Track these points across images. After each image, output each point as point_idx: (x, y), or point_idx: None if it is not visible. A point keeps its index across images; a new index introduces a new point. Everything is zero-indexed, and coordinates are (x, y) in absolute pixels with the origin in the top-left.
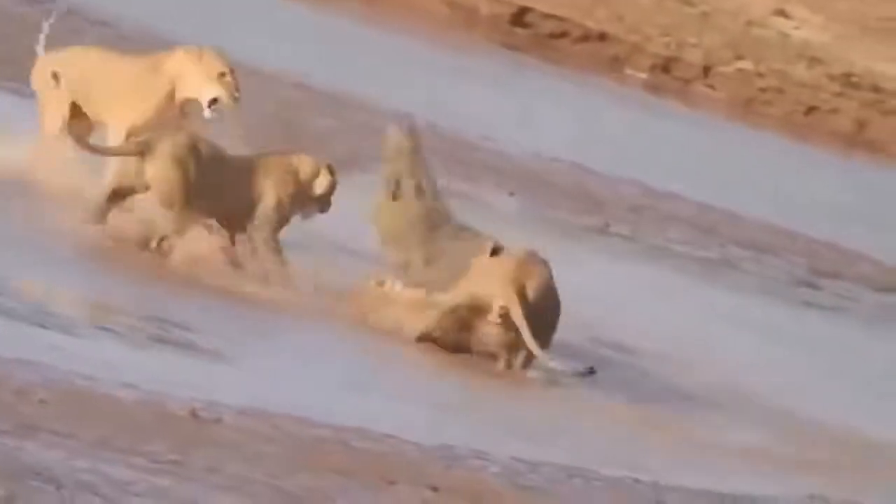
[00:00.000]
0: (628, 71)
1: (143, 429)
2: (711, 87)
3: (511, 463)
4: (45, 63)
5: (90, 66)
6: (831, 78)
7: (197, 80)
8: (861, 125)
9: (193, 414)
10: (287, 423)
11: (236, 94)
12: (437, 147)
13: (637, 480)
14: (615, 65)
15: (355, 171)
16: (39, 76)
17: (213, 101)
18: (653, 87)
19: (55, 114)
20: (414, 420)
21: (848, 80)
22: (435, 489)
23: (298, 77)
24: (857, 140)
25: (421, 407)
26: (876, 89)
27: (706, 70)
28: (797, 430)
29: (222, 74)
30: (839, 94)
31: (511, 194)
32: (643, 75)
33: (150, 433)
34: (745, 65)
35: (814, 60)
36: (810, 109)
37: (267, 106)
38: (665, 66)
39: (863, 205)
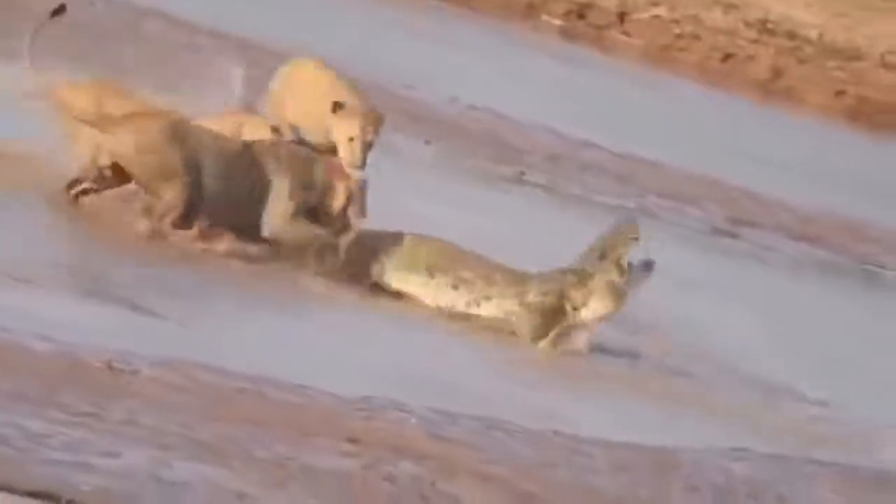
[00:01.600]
0: (544, 17)
1: (58, 381)
2: (627, 33)
3: (431, 415)
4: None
5: None
6: (747, 24)
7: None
8: (777, 72)
9: (109, 366)
10: (203, 374)
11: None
12: None
13: (557, 433)
14: (530, 11)
15: None
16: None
17: None
18: (568, 34)
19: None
20: (332, 371)
21: (764, 27)
22: (353, 441)
23: (213, 23)
24: (774, 87)
25: (339, 357)
26: (792, 36)
27: (621, 16)
28: (717, 379)
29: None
30: (755, 41)
31: (427, 142)
32: (558, 22)
33: (65, 385)
34: (661, 11)
35: (730, 6)
36: (727, 56)
37: (174, 50)
38: (580, 13)
39: (780, 153)
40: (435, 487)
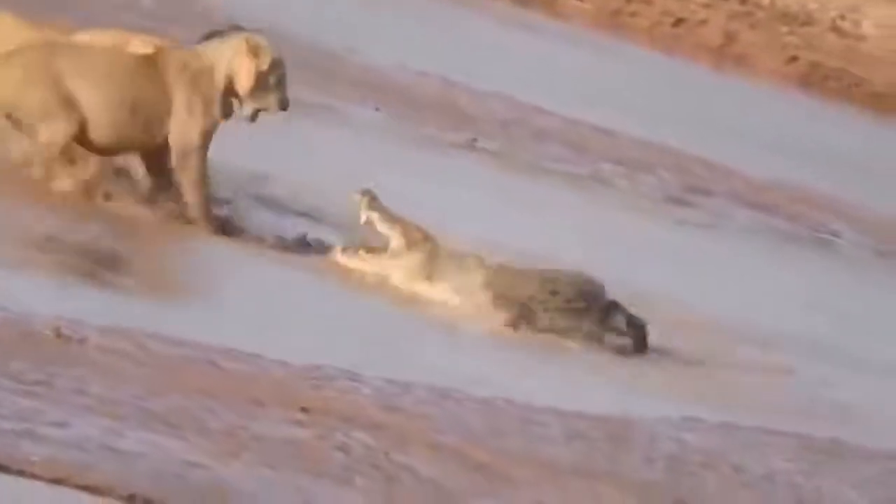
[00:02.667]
0: None
1: (7, 349)
2: None
3: (383, 385)
4: None
5: None
6: None
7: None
8: (730, 38)
9: (58, 333)
10: (154, 343)
11: None
12: (300, 59)
13: (509, 401)
14: None
15: None
16: None
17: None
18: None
19: None
20: (283, 340)
21: None
22: (305, 410)
23: None
24: (726, 53)
25: (290, 326)
26: (743, 1)
27: None
28: (669, 348)
29: None
30: (707, 6)
31: (377, 109)
32: None
33: (14, 353)
34: None
35: None
36: (678, 21)
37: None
38: None
39: (733, 119)
40: (388, 457)
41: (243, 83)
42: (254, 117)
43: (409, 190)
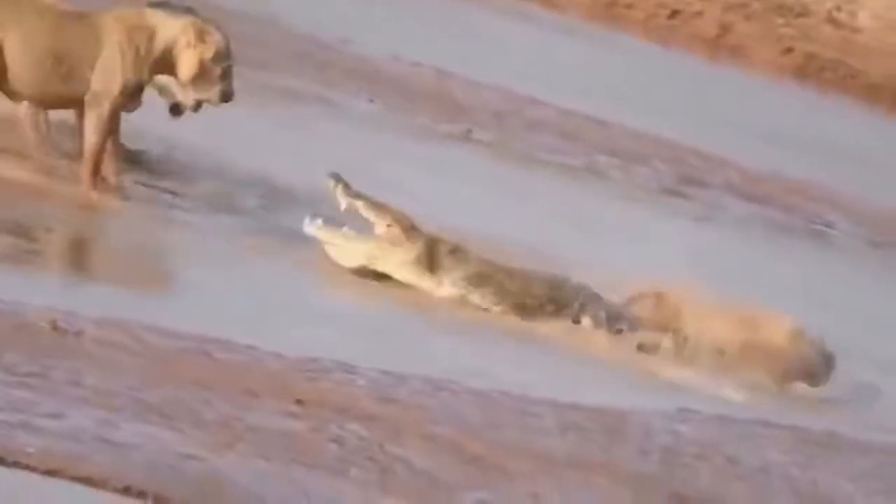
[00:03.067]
0: None
1: (2, 341)
2: None
3: (378, 376)
4: None
5: None
6: None
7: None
8: (725, 29)
9: (54, 325)
10: (148, 334)
11: None
12: (294, 49)
13: (504, 393)
14: None
15: None
16: None
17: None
18: None
19: None
20: (278, 331)
21: None
22: (300, 402)
23: None
24: (721, 44)
25: (286, 318)
26: None
27: None
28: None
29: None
30: None
31: (371, 100)
32: None
33: (9, 345)
34: None
35: None
36: (673, 13)
37: None
38: None
39: (728, 111)
40: (382, 449)
41: (184, 69)
42: (196, 107)
43: (404, 180)
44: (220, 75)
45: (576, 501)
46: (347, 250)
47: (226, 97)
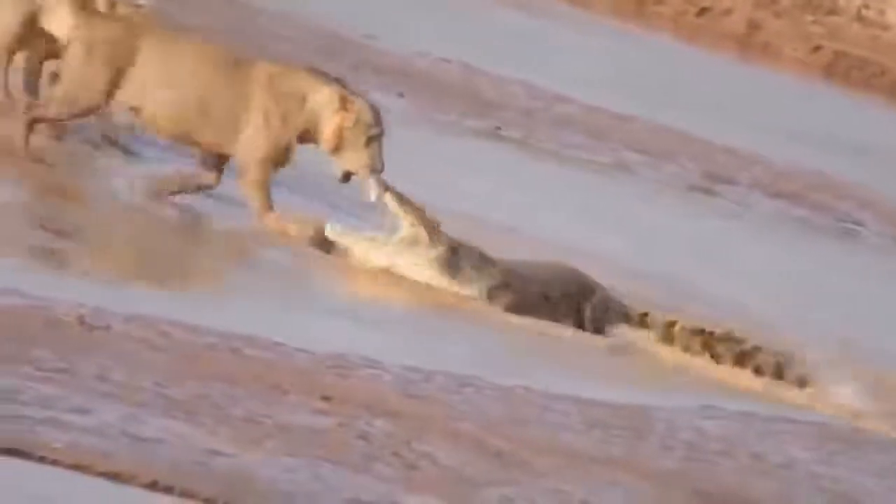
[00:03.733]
0: None
1: (29, 336)
2: None
3: (404, 372)
4: None
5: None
6: None
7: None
8: (754, 26)
9: (81, 321)
10: (175, 330)
11: None
12: (323, 46)
13: (528, 390)
14: None
15: None
16: None
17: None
18: None
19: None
20: (305, 328)
21: None
22: (327, 398)
23: None
24: (750, 42)
25: (313, 314)
26: None
27: None
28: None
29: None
30: None
31: (400, 95)
32: None
33: (36, 341)
34: None
35: None
36: (702, 10)
37: None
38: None
39: (757, 108)
40: (409, 445)
41: (326, 136)
42: (344, 178)
43: (432, 176)
44: (364, 145)
45: (599, 498)
46: (370, 252)
47: (375, 169)
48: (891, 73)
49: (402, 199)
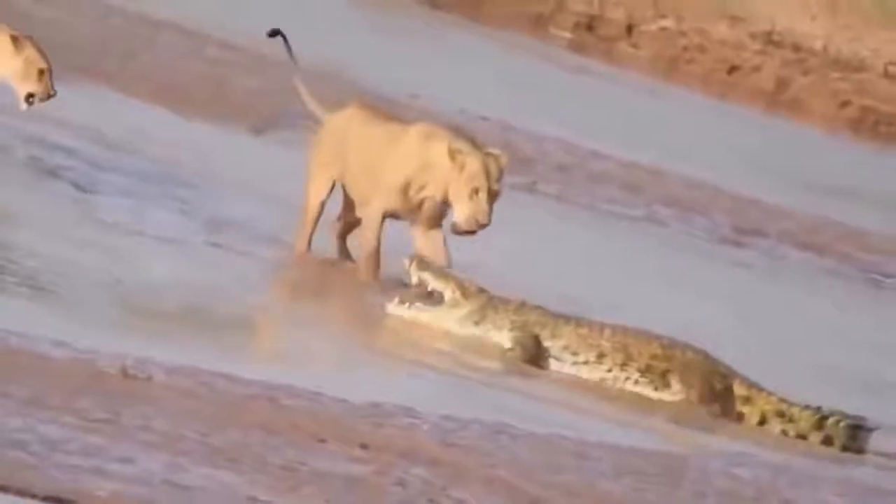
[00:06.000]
0: (552, 30)
1: (74, 387)
2: (635, 45)
3: (441, 421)
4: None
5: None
6: (753, 36)
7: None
8: (782, 83)
9: (124, 372)
10: (216, 380)
11: (51, 92)
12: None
13: (563, 437)
14: (539, 24)
15: (281, 128)
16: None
17: (30, 95)
18: (577, 46)
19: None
20: (343, 378)
21: (769, 39)
22: (364, 447)
23: (224, 36)
24: (779, 98)
25: (350, 365)
26: (797, 48)
27: (629, 29)
28: None
29: (41, 72)
30: (760, 53)
31: None
32: (567, 34)
33: (81, 391)
34: (668, 23)
35: (735, 19)
36: (732, 68)
37: (194, 65)
38: (589, 25)
39: (785, 162)
40: (445, 492)
41: (435, 185)
42: (453, 230)
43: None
44: (468, 196)
45: None
46: (421, 321)
47: (479, 224)
48: None
49: (439, 272)
